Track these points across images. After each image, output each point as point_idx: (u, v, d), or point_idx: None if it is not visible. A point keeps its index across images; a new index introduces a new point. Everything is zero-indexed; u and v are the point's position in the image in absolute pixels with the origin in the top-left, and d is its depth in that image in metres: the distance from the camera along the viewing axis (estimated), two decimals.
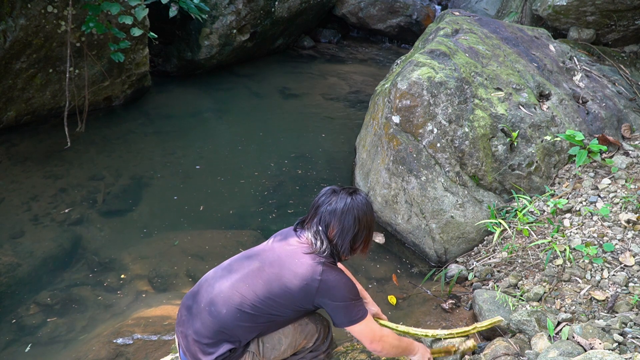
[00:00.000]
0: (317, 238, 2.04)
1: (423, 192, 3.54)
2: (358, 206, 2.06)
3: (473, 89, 3.64)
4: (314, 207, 2.11)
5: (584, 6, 4.85)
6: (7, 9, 4.26)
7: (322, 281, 1.97)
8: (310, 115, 5.88)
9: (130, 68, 5.44)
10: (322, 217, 2.06)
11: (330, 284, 1.98)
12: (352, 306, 2.02)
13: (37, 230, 3.73)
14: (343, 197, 2.08)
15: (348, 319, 2.04)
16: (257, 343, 2.06)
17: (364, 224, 2.08)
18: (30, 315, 3.11)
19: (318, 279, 1.97)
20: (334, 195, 2.10)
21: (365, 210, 2.08)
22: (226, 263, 2.17)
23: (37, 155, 4.56)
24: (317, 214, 2.08)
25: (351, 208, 2.05)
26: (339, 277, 2.02)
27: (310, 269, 1.98)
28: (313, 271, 1.97)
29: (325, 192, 2.14)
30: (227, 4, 6.32)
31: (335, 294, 1.99)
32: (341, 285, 2.00)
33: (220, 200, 4.25)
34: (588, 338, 2.36)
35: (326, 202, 2.09)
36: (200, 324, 2.01)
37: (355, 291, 2.05)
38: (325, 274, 1.98)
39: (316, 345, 2.20)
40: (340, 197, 2.08)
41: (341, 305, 2.01)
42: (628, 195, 3.26)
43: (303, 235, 2.10)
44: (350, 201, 2.06)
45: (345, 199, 2.07)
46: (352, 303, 2.02)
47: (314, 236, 2.05)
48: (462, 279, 3.32)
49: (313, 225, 2.08)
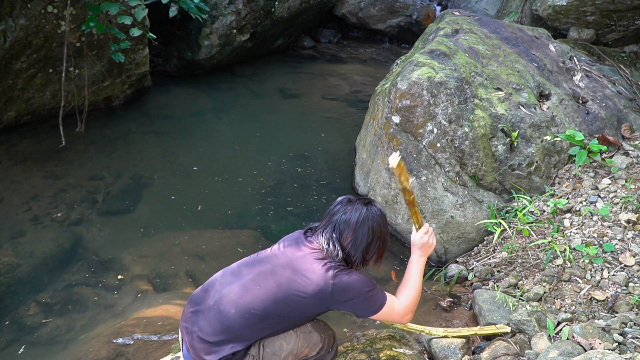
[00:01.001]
0: (330, 244, 2.05)
1: (423, 192, 3.54)
2: (373, 217, 2.07)
3: (473, 89, 3.64)
4: (329, 214, 2.12)
5: (584, 6, 4.85)
6: (7, 9, 4.26)
7: (335, 284, 1.98)
8: (310, 115, 5.88)
9: (130, 68, 5.44)
10: (337, 226, 2.07)
11: (343, 286, 1.99)
12: (369, 298, 2.04)
13: (37, 230, 3.73)
14: (358, 207, 2.09)
15: (370, 310, 2.06)
16: (258, 347, 2.05)
17: (377, 235, 2.09)
18: (30, 315, 3.11)
19: (331, 282, 1.97)
20: (349, 205, 2.11)
21: (379, 222, 2.09)
22: (235, 265, 2.16)
23: (37, 155, 4.56)
24: (331, 222, 2.09)
25: (365, 218, 2.06)
26: (350, 276, 2.03)
27: (322, 274, 1.98)
28: (325, 276, 1.98)
29: (340, 200, 2.15)
30: (227, 4, 6.32)
31: (350, 293, 2.01)
32: (355, 283, 2.01)
33: (220, 200, 4.25)
34: (588, 338, 2.36)
35: (341, 210, 2.10)
36: (207, 323, 2.01)
37: (369, 282, 2.06)
38: (337, 277, 1.99)
39: (320, 355, 2.18)
40: (355, 207, 2.09)
41: (358, 301, 2.03)
42: (628, 195, 3.26)
43: (314, 240, 2.10)
44: (365, 211, 2.07)
45: (360, 209, 2.08)
46: (369, 294, 2.04)
47: (327, 242, 2.06)
48: (462, 279, 3.32)
49: (327, 232, 2.08)
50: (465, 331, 2.65)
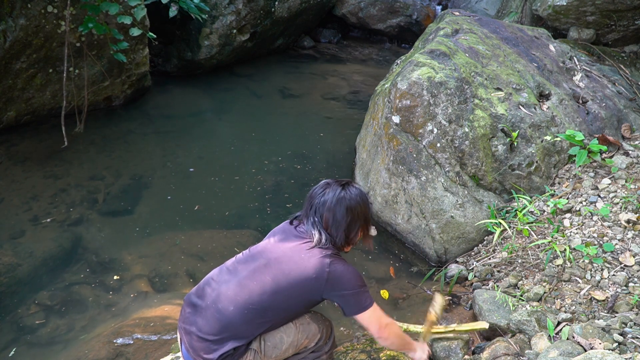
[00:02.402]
0: (315, 229, 2.09)
1: (423, 192, 3.54)
2: (350, 197, 2.11)
3: (473, 89, 3.65)
4: (309, 199, 2.17)
5: (584, 6, 4.85)
6: (7, 9, 4.26)
7: (330, 272, 2.00)
8: (310, 115, 5.88)
9: (130, 68, 5.44)
10: (316, 209, 2.12)
11: (338, 275, 2.02)
12: (360, 294, 2.06)
13: (37, 230, 3.73)
14: (335, 188, 2.14)
15: (357, 307, 2.08)
16: (259, 341, 2.06)
17: (356, 214, 2.12)
18: (30, 315, 3.11)
19: (327, 270, 2.00)
20: (327, 187, 2.15)
21: (357, 201, 2.12)
22: (230, 262, 2.18)
23: (37, 155, 4.56)
24: (311, 206, 2.13)
25: (342, 198, 2.10)
26: (346, 267, 2.06)
27: (317, 262, 2.01)
28: (321, 264, 2.00)
29: (319, 185, 2.20)
30: (227, 4, 6.32)
31: (344, 283, 2.03)
32: (349, 275, 2.04)
33: (220, 199, 4.25)
34: (588, 338, 2.36)
35: (319, 194, 2.14)
36: (206, 322, 2.02)
37: (362, 279, 2.09)
38: (332, 265, 2.02)
39: (318, 345, 2.21)
40: (332, 188, 2.14)
41: (350, 294, 2.04)
42: (628, 195, 3.26)
43: (302, 228, 2.14)
44: (340, 192, 2.12)
45: (336, 190, 2.12)
46: (361, 290, 2.06)
47: (312, 228, 2.10)
48: (462, 279, 3.33)
49: (310, 217, 2.12)
50: (442, 328, 2.65)
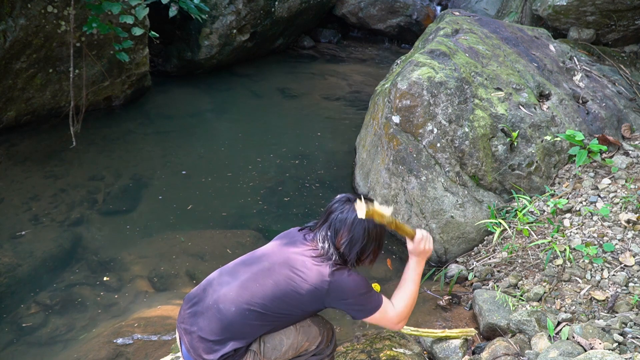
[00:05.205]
0: (326, 242, 2.04)
1: (423, 192, 3.54)
2: (370, 219, 2.05)
3: (473, 89, 3.65)
4: (327, 212, 2.11)
5: (584, 6, 4.85)
6: (7, 9, 4.26)
7: (332, 282, 1.98)
8: (310, 115, 5.88)
9: (131, 68, 5.44)
10: (333, 224, 2.06)
11: (340, 285, 1.99)
12: (365, 299, 2.03)
13: (37, 230, 3.73)
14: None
15: (364, 312, 2.05)
16: (259, 342, 2.06)
17: (373, 236, 2.07)
18: (30, 315, 3.11)
19: (328, 280, 1.97)
20: (347, 204, 2.09)
21: (375, 223, 2.05)
22: (232, 264, 2.16)
23: (37, 155, 4.56)
24: (328, 220, 2.09)
25: (362, 220, 2.01)
26: (348, 275, 2.02)
27: (319, 272, 1.98)
28: (323, 274, 1.98)
29: (339, 198, 2.13)
30: (227, 4, 6.32)
31: (346, 292, 2.00)
32: (351, 283, 2.01)
33: (220, 200, 4.25)
34: (588, 338, 2.36)
35: (339, 209, 2.08)
36: (207, 322, 2.01)
37: (365, 283, 2.05)
38: (334, 275, 1.99)
39: (320, 349, 2.19)
40: (353, 206, 2.05)
41: (354, 302, 2.02)
42: (628, 195, 3.26)
43: (310, 237, 2.11)
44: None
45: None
46: (365, 296, 2.03)
47: (322, 240, 2.05)
48: (462, 279, 3.33)
49: (323, 230, 2.08)
50: (433, 332, 2.63)
